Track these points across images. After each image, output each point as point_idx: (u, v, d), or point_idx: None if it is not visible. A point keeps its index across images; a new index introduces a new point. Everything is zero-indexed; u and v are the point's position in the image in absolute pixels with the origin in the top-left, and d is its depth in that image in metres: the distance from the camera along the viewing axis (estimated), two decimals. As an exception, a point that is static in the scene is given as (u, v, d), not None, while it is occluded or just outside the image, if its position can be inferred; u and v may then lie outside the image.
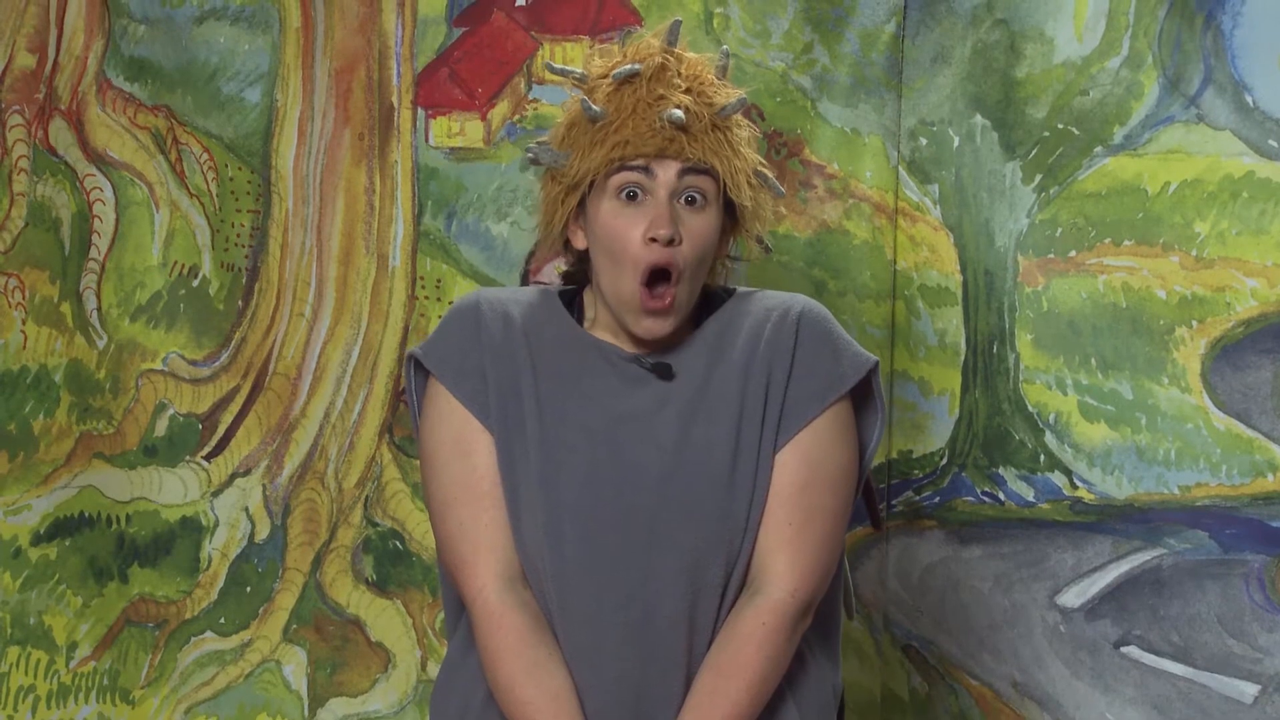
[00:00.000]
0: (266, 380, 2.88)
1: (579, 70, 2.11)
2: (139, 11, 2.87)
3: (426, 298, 2.86)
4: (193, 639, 2.87)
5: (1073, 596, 2.68)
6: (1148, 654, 2.63)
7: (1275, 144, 2.52)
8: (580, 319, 2.14)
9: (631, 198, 2.03)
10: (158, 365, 2.87)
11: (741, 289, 2.18)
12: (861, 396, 2.12)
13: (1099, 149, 2.64)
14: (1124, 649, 2.65)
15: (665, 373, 2.07)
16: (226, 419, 2.88)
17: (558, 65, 2.16)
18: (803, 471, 2.05)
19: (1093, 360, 2.64)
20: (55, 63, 2.85)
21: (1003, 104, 2.70)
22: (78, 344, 2.85)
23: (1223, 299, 2.56)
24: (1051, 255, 2.66)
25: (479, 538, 2.05)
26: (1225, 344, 2.56)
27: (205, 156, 2.87)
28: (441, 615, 2.83)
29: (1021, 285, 2.68)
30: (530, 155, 2.11)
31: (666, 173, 2.03)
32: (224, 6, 2.87)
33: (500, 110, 2.85)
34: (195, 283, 2.87)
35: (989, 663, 2.74)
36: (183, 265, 2.87)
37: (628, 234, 2.02)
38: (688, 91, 2.05)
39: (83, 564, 2.84)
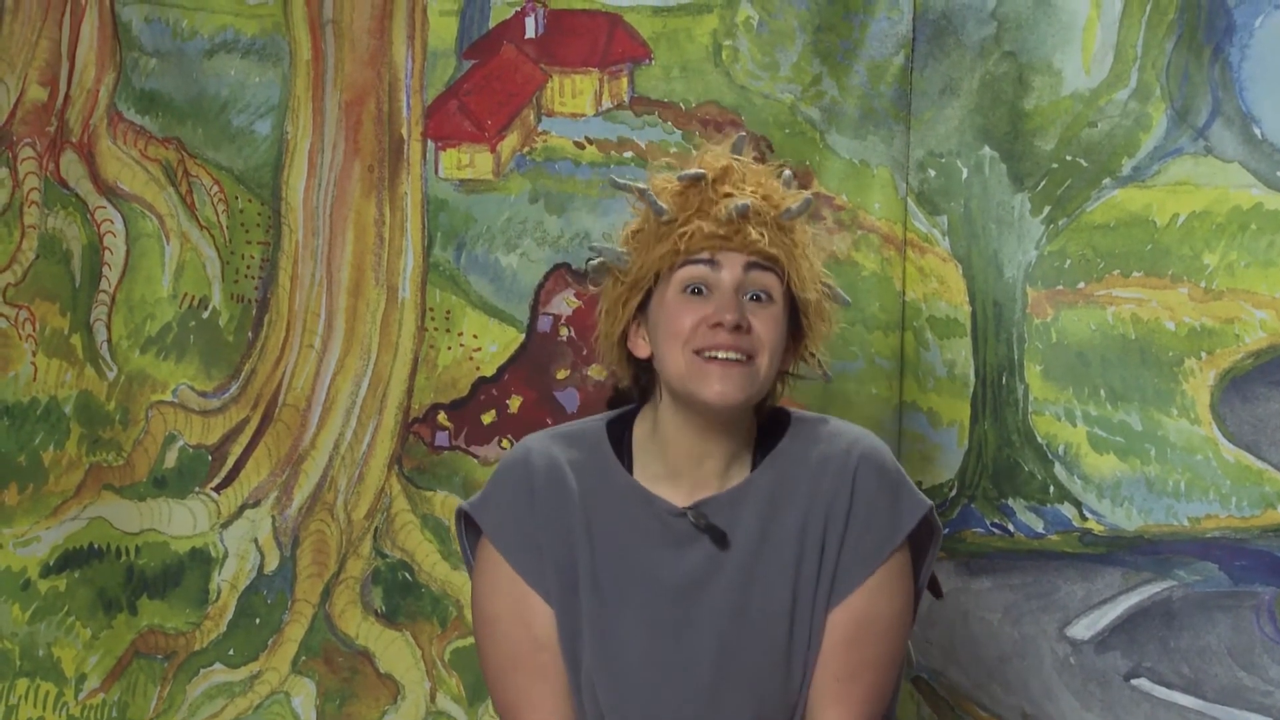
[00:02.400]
0: (276, 411, 2.88)
1: (641, 184, 2.11)
2: (150, 45, 2.88)
3: (436, 329, 2.86)
4: (202, 670, 2.87)
5: (1082, 628, 2.68)
6: (1158, 686, 2.63)
7: (1283, 176, 2.53)
8: (631, 460, 2.12)
9: (696, 293, 2.03)
10: (167, 397, 2.87)
11: (797, 414, 2.16)
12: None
13: (1107, 180, 2.64)
14: (1134, 681, 2.64)
15: (720, 540, 2.05)
16: (236, 450, 2.88)
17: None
18: (851, 628, 2.04)
19: (1102, 392, 2.64)
20: (67, 96, 2.86)
21: (1011, 136, 2.70)
22: (88, 376, 2.85)
23: (1232, 330, 2.56)
24: (1060, 286, 2.67)
25: (541, 704, 2.06)
26: (1234, 375, 2.56)
27: (215, 188, 2.87)
28: (451, 647, 2.83)
29: (1030, 317, 2.69)
30: (593, 254, 2.13)
31: (732, 267, 2.04)
32: (234, 39, 2.88)
33: (510, 142, 2.85)
34: (205, 314, 2.88)
35: (998, 694, 2.74)
36: (193, 297, 2.88)
37: (693, 319, 2.02)
38: (754, 191, 2.07)
39: (92, 596, 2.83)
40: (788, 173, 2.16)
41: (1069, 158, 2.66)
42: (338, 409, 2.87)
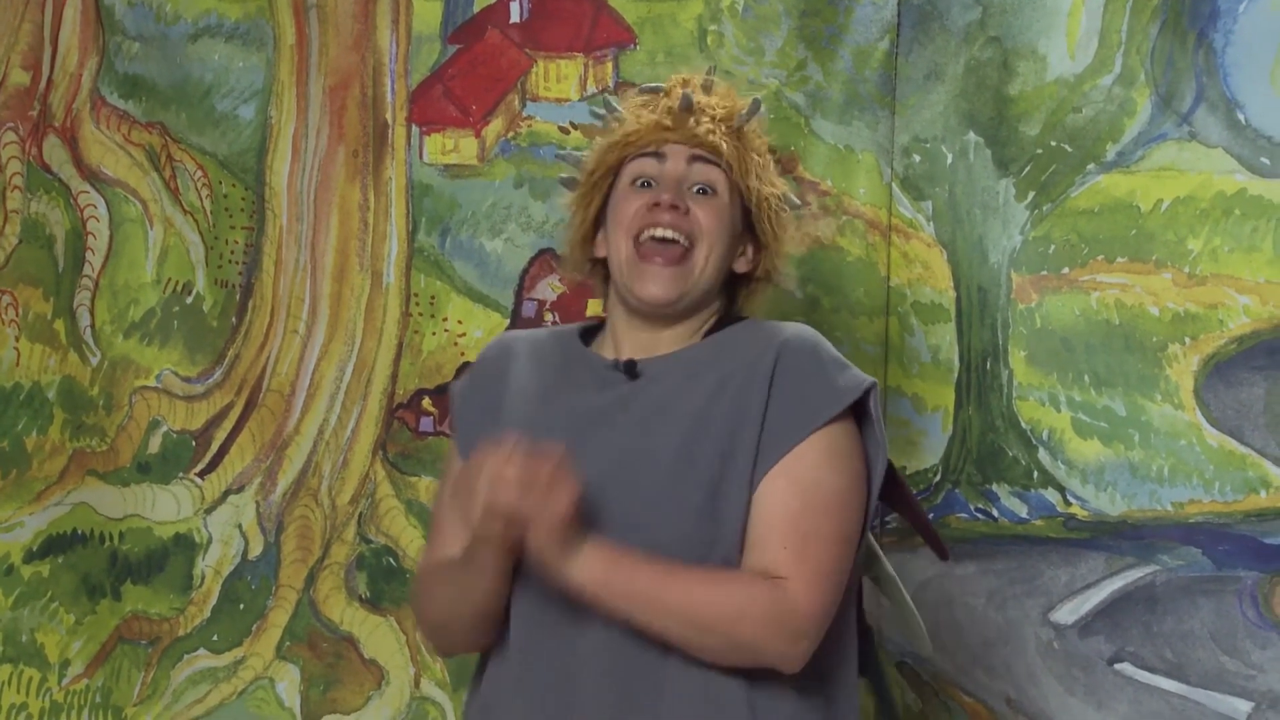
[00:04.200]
0: (260, 397, 2.87)
1: (612, 103, 2.17)
2: (133, 29, 2.87)
3: (420, 314, 2.86)
4: (186, 656, 2.87)
5: (1066, 613, 2.68)
6: (1141, 671, 2.63)
7: (1267, 161, 2.53)
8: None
9: (645, 187, 2.07)
10: (151, 382, 2.87)
11: (755, 320, 2.15)
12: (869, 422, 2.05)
13: (1092, 166, 2.64)
14: (1117, 666, 2.64)
15: (630, 370, 2.05)
16: (220, 436, 2.88)
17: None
18: (791, 494, 1.96)
19: (1086, 377, 2.64)
20: (50, 80, 2.85)
21: (996, 121, 2.70)
22: (71, 361, 2.85)
23: (1215, 316, 2.56)
24: (1045, 272, 2.67)
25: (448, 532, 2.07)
26: (1218, 361, 2.56)
27: (199, 173, 2.87)
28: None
29: (1015, 302, 2.69)
30: (564, 179, 2.20)
31: (676, 159, 2.07)
32: (218, 24, 2.87)
33: (494, 127, 2.85)
34: (189, 299, 2.87)
35: (982, 679, 2.74)
36: (176, 282, 2.87)
37: (637, 205, 2.06)
38: (706, 92, 2.13)
39: (75, 581, 2.83)
40: (757, 99, 2.16)
41: (1053, 143, 2.66)
42: (322, 394, 2.87)
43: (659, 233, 2.03)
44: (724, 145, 2.08)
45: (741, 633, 1.91)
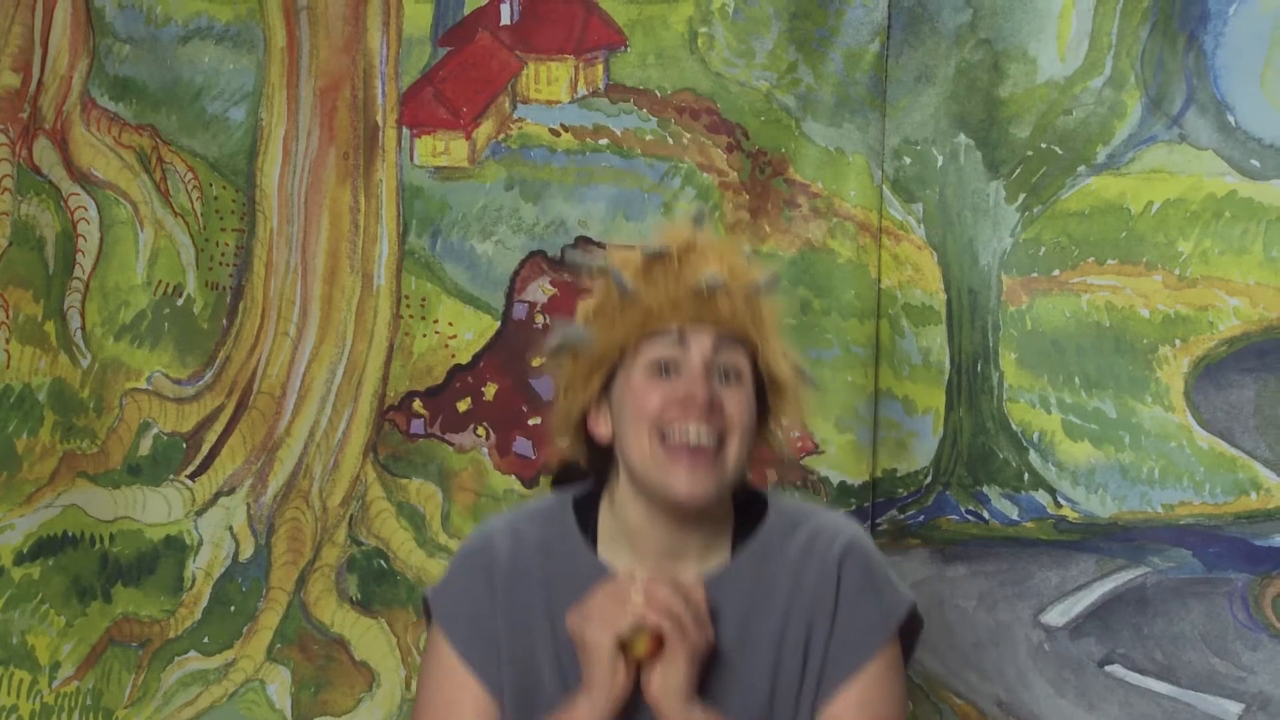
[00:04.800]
0: (251, 399, 2.87)
1: (601, 260, 2.02)
2: (124, 31, 2.87)
3: (411, 316, 2.86)
4: (176, 658, 2.86)
5: (1057, 615, 2.68)
6: (1132, 672, 2.63)
7: (1257, 164, 2.53)
8: (597, 542, 2.04)
9: (664, 372, 1.94)
10: (142, 384, 2.86)
11: (774, 500, 2.08)
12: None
13: (1082, 168, 2.64)
14: (1108, 668, 2.65)
15: None
16: (211, 438, 2.88)
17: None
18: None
19: (1076, 379, 2.65)
20: (40, 82, 2.85)
21: (986, 123, 2.70)
22: (62, 363, 2.84)
23: (1206, 318, 2.56)
24: (1035, 274, 2.67)
25: None
26: (1208, 363, 2.57)
27: (190, 175, 2.87)
28: (426, 635, 2.82)
29: (1005, 304, 2.69)
30: (555, 342, 2.02)
31: (701, 343, 1.94)
32: (209, 26, 2.87)
33: (485, 129, 2.85)
34: (180, 302, 2.87)
35: (974, 681, 2.74)
36: (167, 284, 2.87)
37: (661, 399, 1.92)
38: (720, 263, 1.97)
39: (66, 583, 2.83)
40: (748, 247, 2.11)
41: (1044, 145, 2.67)
42: (313, 396, 2.87)
43: (693, 439, 1.91)
44: (750, 330, 1.96)
45: None
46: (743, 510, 2.04)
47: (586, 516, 2.06)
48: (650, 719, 1.92)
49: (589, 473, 2.09)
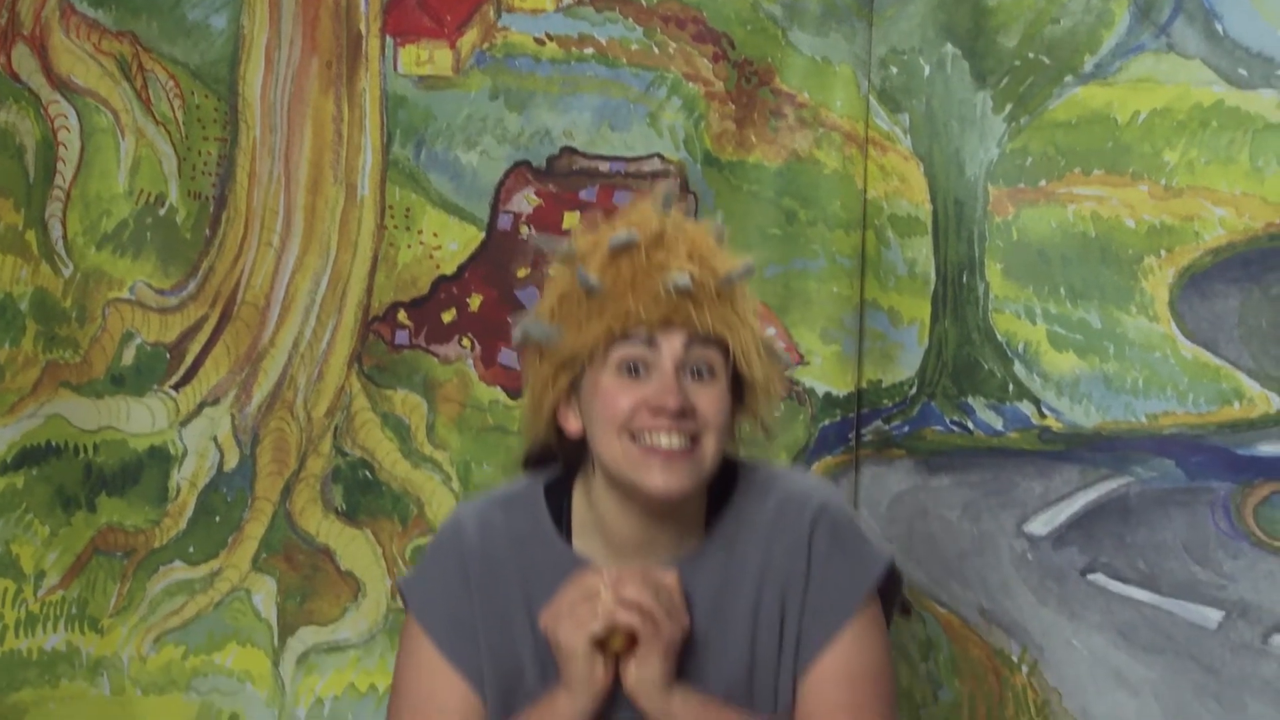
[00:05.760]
0: (235, 309, 2.86)
1: (565, 244, 1.97)
2: (103, -65, 2.83)
3: (395, 227, 2.84)
4: (161, 568, 2.86)
5: (1040, 524, 2.70)
6: (1114, 581, 2.65)
7: (1245, 73, 2.52)
8: (570, 530, 2.02)
9: (634, 372, 1.90)
10: (124, 294, 2.84)
11: (744, 466, 2.05)
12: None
13: (1069, 78, 2.64)
14: (1090, 576, 2.66)
15: None
16: (194, 348, 2.86)
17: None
18: (843, 684, 1.97)
19: (1062, 290, 2.65)
20: (17, -13, 2.81)
21: (973, 33, 2.69)
22: (43, 272, 2.82)
23: (1191, 228, 2.56)
24: (1021, 185, 2.67)
25: None
26: (1193, 273, 2.57)
27: (171, 83, 2.84)
28: (411, 544, 2.83)
29: (991, 215, 2.69)
30: (519, 334, 1.97)
31: (672, 344, 1.89)
32: (189, -71, 2.83)
33: (469, 38, 2.83)
34: (162, 211, 2.85)
35: (956, 590, 2.76)
36: (149, 194, 2.84)
37: (631, 403, 1.88)
38: (690, 258, 1.91)
39: (50, 493, 2.82)
40: (719, 218, 2.06)
41: (1031, 55, 2.66)
42: (297, 307, 2.86)
43: (664, 444, 1.88)
44: (724, 330, 1.91)
45: None
46: (713, 484, 2.01)
47: (558, 505, 2.04)
48: (631, 707, 1.94)
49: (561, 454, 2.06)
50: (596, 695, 1.92)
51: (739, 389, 1.97)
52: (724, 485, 2.02)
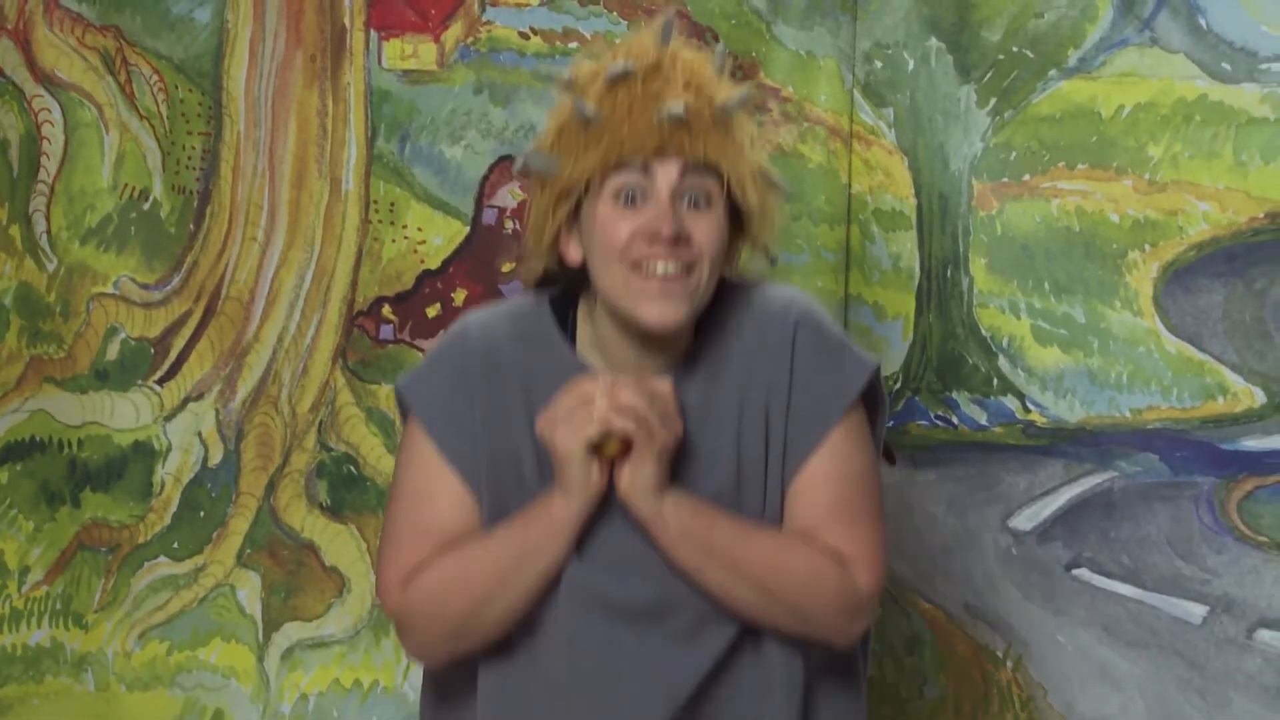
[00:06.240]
0: (219, 304, 2.85)
1: (565, 73, 1.97)
2: (86, -71, 2.83)
3: (380, 221, 2.84)
4: (146, 564, 2.86)
5: (1025, 519, 2.70)
6: (1098, 576, 2.65)
7: (1228, 67, 2.52)
8: (574, 341, 2.04)
9: (630, 201, 1.91)
10: (109, 289, 2.84)
11: (731, 282, 2.06)
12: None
13: (1053, 72, 2.63)
14: (1075, 571, 2.67)
15: None
16: (179, 343, 2.86)
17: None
18: (837, 487, 1.99)
19: (1046, 284, 2.65)
20: (0, -19, 2.81)
21: (957, 27, 2.69)
22: (27, 267, 2.82)
23: (1175, 222, 2.56)
24: (1005, 179, 2.66)
25: (407, 559, 2.01)
26: (1177, 267, 2.57)
27: (155, 78, 2.83)
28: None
29: (975, 209, 2.68)
30: (519, 164, 1.98)
31: (668, 173, 1.90)
32: (173, -76, 2.83)
33: (454, 32, 2.82)
34: (146, 206, 2.84)
35: (941, 585, 2.76)
36: (133, 188, 2.84)
37: (628, 230, 1.90)
38: (687, 87, 1.91)
39: (34, 488, 2.81)
40: (720, 46, 2.02)
41: (1015, 49, 2.65)
42: (281, 302, 2.86)
43: (660, 270, 1.89)
44: (719, 159, 1.91)
45: (809, 605, 1.96)
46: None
47: (563, 316, 2.06)
48: (624, 512, 1.95)
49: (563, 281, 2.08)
50: (591, 499, 1.93)
51: (738, 217, 1.99)
52: (713, 300, 2.02)
